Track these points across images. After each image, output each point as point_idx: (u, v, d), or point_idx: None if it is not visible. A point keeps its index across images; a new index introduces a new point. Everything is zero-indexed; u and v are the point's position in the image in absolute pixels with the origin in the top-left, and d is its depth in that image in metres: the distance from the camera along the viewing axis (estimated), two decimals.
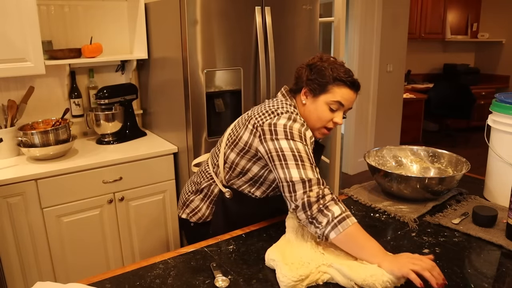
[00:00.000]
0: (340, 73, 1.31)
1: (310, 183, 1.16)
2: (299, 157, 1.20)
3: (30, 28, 1.97)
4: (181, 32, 1.97)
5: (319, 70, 1.33)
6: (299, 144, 1.22)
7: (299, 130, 1.25)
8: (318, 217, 1.12)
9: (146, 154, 2.17)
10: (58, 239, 2.00)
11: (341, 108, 1.33)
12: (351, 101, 1.34)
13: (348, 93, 1.32)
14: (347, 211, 1.12)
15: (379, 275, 1.02)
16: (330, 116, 1.33)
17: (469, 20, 6.23)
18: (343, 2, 2.43)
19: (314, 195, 1.14)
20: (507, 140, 1.46)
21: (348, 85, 1.31)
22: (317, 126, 1.35)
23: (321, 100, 1.32)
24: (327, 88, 1.31)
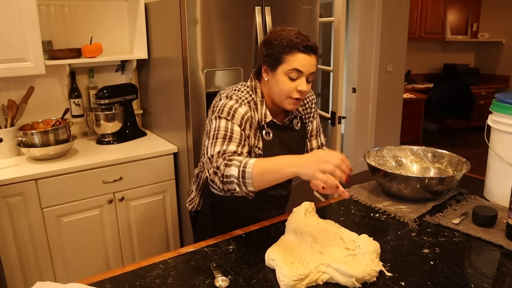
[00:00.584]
0: (292, 40, 1.28)
1: (211, 159, 1.23)
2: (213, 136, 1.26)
3: (30, 28, 1.97)
4: (181, 32, 1.97)
5: (271, 43, 1.31)
6: (222, 121, 1.27)
7: (231, 107, 1.30)
8: (228, 187, 1.17)
9: (146, 154, 2.17)
10: (58, 239, 2.00)
11: (301, 75, 1.30)
12: (309, 66, 1.30)
13: (303, 58, 1.28)
14: (243, 162, 1.13)
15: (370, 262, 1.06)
16: (292, 86, 1.31)
17: (469, 20, 6.24)
18: (343, 2, 2.43)
19: (212, 171, 1.20)
20: (507, 140, 1.46)
21: (301, 50, 1.28)
22: (283, 98, 1.33)
23: (279, 73, 1.31)
24: (282, 59, 1.29)
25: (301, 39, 1.28)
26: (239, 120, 1.29)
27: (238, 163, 1.14)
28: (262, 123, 1.38)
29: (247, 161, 1.14)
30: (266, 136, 1.39)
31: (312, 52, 1.30)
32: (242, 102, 1.32)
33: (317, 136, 1.59)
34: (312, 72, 1.31)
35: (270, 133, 1.40)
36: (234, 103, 1.31)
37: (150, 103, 2.54)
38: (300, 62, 1.28)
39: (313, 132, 1.57)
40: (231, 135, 1.26)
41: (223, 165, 1.17)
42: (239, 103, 1.32)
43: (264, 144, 1.38)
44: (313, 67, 1.31)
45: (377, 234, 1.30)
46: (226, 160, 1.18)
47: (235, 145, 1.24)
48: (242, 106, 1.31)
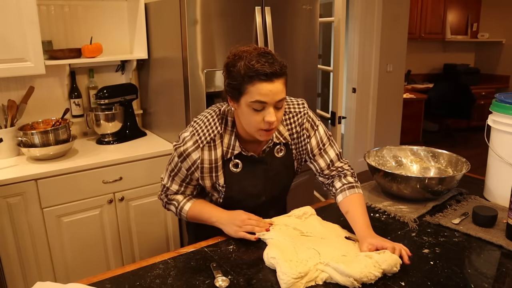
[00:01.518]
0: (251, 67, 1.12)
1: (162, 185, 1.43)
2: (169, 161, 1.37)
3: (30, 28, 1.96)
4: (181, 32, 1.97)
5: (230, 71, 1.18)
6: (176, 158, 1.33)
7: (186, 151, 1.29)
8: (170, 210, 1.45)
9: (146, 154, 2.17)
10: (58, 239, 2.00)
11: (266, 105, 1.16)
12: (273, 94, 1.14)
13: (265, 87, 1.13)
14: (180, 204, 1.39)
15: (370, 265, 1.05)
16: (259, 118, 1.17)
17: (469, 20, 6.23)
18: (343, 2, 2.43)
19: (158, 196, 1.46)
20: (507, 140, 1.46)
21: (261, 79, 1.12)
22: (253, 131, 1.22)
23: (242, 104, 1.18)
24: (242, 90, 1.15)
25: (261, 63, 1.12)
26: (188, 165, 1.30)
27: (176, 204, 1.40)
28: (228, 156, 1.29)
29: (183, 206, 1.39)
30: (234, 168, 1.32)
31: (276, 77, 1.14)
32: (200, 144, 1.26)
33: (321, 153, 1.40)
34: (279, 99, 1.17)
35: (239, 165, 1.32)
36: (191, 145, 1.27)
37: (150, 103, 2.54)
38: (261, 93, 1.13)
39: (314, 151, 1.40)
40: (177, 173, 1.35)
41: (165, 202, 1.44)
42: (196, 145, 1.27)
43: (229, 178, 1.32)
44: (279, 94, 1.16)
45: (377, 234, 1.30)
46: (167, 199, 1.43)
47: (177, 185, 1.38)
48: (196, 152, 1.27)
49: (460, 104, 5.38)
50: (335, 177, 1.41)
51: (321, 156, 1.40)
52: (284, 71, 1.17)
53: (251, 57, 1.14)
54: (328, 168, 1.41)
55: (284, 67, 1.17)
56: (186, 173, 1.33)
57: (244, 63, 1.14)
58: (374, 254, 1.09)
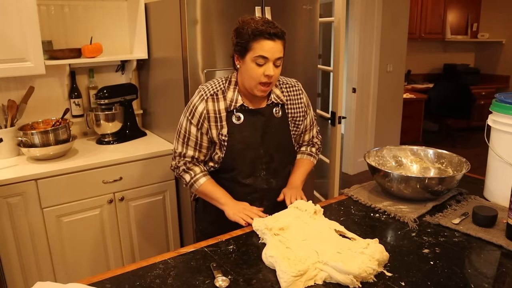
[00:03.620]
0: (257, 28, 1.34)
1: (175, 154, 1.55)
2: (178, 132, 1.52)
3: (30, 28, 1.97)
4: (181, 32, 1.97)
5: (239, 32, 1.39)
6: (185, 120, 1.49)
7: (193, 105, 1.47)
8: (182, 180, 1.56)
9: (146, 154, 2.17)
10: (58, 239, 2.00)
11: (267, 60, 1.37)
12: (274, 51, 1.36)
13: (268, 44, 1.35)
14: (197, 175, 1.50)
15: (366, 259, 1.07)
16: (260, 71, 1.38)
17: (469, 20, 6.23)
18: (343, 2, 2.43)
19: (173, 165, 1.56)
20: (507, 140, 1.46)
21: (265, 37, 1.34)
22: (253, 84, 1.41)
23: (247, 60, 1.38)
24: (248, 46, 1.36)
25: (266, 26, 1.34)
26: (197, 119, 1.46)
27: (192, 174, 1.51)
28: (230, 108, 1.46)
29: (198, 178, 1.50)
30: (236, 120, 1.47)
31: (277, 38, 1.36)
32: (205, 96, 1.46)
33: (309, 130, 1.68)
34: (278, 57, 1.38)
35: (241, 117, 1.48)
36: (197, 99, 1.47)
37: (150, 103, 2.54)
38: (264, 48, 1.35)
39: (307, 127, 1.66)
40: (189, 137, 1.49)
41: (182, 169, 1.53)
42: (201, 98, 1.46)
43: (231, 128, 1.47)
44: (278, 52, 1.37)
45: (377, 234, 1.30)
46: (185, 167, 1.52)
47: (192, 150, 1.51)
48: (202, 103, 1.45)
49: (460, 104, 5.38)
50: (305, 145, 1.72)
51: (308, 132, 1.69)
52: (284, 35, 1.39)
53: (257, 22, 1.37)
54: (308, 140, 1.71)
55: (284, 32, 1.39)
56: (196, 134, 1.48)
57: (251, 25, 1.36)
58: (365, 250, 1.11)
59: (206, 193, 1.51)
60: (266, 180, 1.56)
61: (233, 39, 1.43)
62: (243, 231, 1.35)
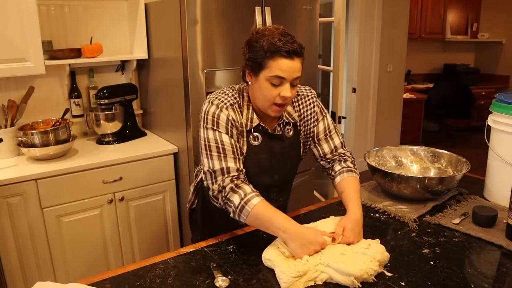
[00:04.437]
0: (274, 44, 1.19)
1: (215, 174, 1.25)
2: (205, 148, 1.27)
3: (30, 28, 1.96)
4: (181, 32, 1.97)
5: (252, 46, 1.24)
6: (209, 132, 1.26)
7: (212, 114, 1.26)
8: (227, 207, 1.23)
9: (146, 154, 2.17)
10: (58, 239, 2.00)
11: (283, 81, 1.22)
12: (292, 71, 1.21)
13: (285, 63, 1.20)
14: (247, 196, 1.18)
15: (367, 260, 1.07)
16: (275, 92, 1.23)
17: (469, 20, 6.23)
18: (343, 2, 2.43)
19: (216, 188, 1.24)
20: (507, 140, 1.46)
21: (283, 55, 1.19)
22: (267, 105, 1.27)
23: (261, 78, 1.23)
24: (263, 64, 1.21)
25: (284, 42, 1.19)
26: (224, 127, 1.26)
27: (242, 194, 1.19)
28: (248, 127, 1.32)
29: (250, 199, 1.18)
30: (253, 140, 1.34)
31: (296, 56, 1.22)
32: (224, 106, 1.28)
33: (327, 139, 1.46)
34: (296, 77, 1.24)
35: (259, 138, 1.35)
36: (215, 108, 1.27)
37: (150, 103, 2.54)
38: (282, 68, 1.20)
39: (320, 136, 1.45)
40: (223, 147, 1.25)
41: (229, 188, 1.21)
42: (219, 107, 1.27)
43: (249, 149, 1.33)
44: (296, 72, 1.23)
45: (377, 234, 1.30)
46: (233, 184, 1.21)
47: (232, 160, 1.25)
48: (223, 111, 1.27)
49: (460, 104, 5.38)
50: (335, 161, 1.47)
51: (326, 142, 1.46)
52: (303, 52, 1.25)
53: (273, 35, 1.21)
54: (331, 153, 1.47)
55: (302, 48, 1.25)
56: (230, 142, 1.26)
57: (267, 39, 1.20)
58: (366, 250, 1.11)
59: (260, 217, 1.17)
60: (275, 200, 1.47)
61: (244, 52, 1.28)
62: (243, 231, 1.35)
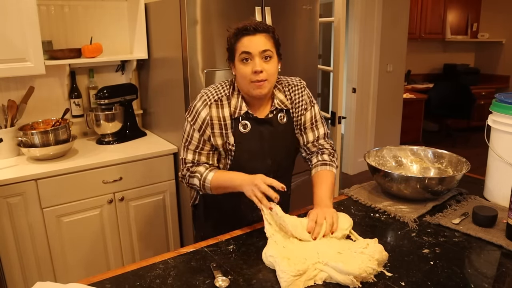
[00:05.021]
0: (237, 28, 1.31)
1: (180, 162, 1.45)
2: (182, 137, 1.43)
3: (30, 28, 1.97)
4: (181, 32, 1.97)
5: (227, 39, 1.36)
6: (188, 125, 1.40)
7: (196, 110, 1.38)
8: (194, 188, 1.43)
9: (146, 154, 2.17)
10: (58, 239, 2.00)
11: (251, 56, 1.29)
12: (255, 44, 1.29)
13: (247, 39, 1.29)
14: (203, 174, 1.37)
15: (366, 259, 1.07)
16: (248, 70, 1.31)
17: (469, 20, 6.23)
18: (343, 2, 2.43)
19: (180, 175, 1.45)
20: (507, 140, 1.46)
21: (245, 34, 1.29)
22: (246, 85, 1.34)
23: (236, 63, 1.34)
24: (234, 49, 1.33)
25: (246, 24, 1.30)
26: (199, 124, 1.37)
27: (199, 175, 1.38)
28: (235, 115, 1.38)
29: (206, 176, 1.37)
30: (242, 128, 1.40)
31: (258, 32, 1.29)
32: (208, 102, 1.37)
33: (312, 128, 1.51)
34: (263, 50, 1.29)
35: (248, 125, 1.40)
36: (200, 104, 1.38)
37: (150, 103, 2.54)
38: (245, 44, 1.30)
39: (306, 124, 1.50)
40: (190, 141, 1.40)
41: (188, 176, 1.41)
42: (204, 103, 1.37)
43: (238, 137, 1.39)
44: (261, 45, 1.29)
45: (377, 234, 1.30)
46: (189, 172, 1.41)
47: (192, 154, 1.41)
48: (205, 109, 1.37)
49: (460, 104, 5.38)
50: (313, 154, 1.53)
51: (312, 130, 1.52)
52: (267, 28, 1.32)
53: (241, 24, 1.32)
54: (312, 143, 1.52)
55: (269, 26, 1.33)
56: (198, 138, 1.39)
57: (235, 27, 1.32)
58: (365, 250, 1.11)
59: (219, 185, 1.35)
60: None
61: None
62: (243, 231, 1.35)
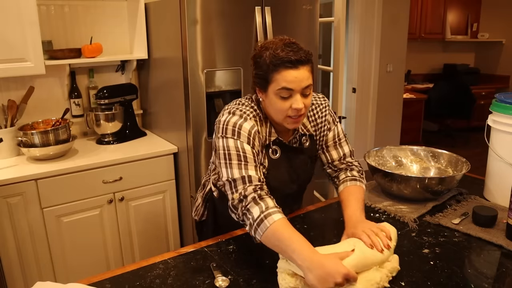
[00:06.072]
0: (276, 55, 1.15)
1: (235, 183, 1.16)
2: (224, 157, 1.19)
3: (30, 28, 1.96)
4: (181, 32, 1.97)
5: (257, 62, 1.21)
6: (228, 140, 1.20)
7: (234, 124, 1.21)
8: (244, 219, 1.13)
9: (146, 154, 2.17)
10: (58, 239, 2.00)
11: (293, 92, 1.17)
12: (299, 81, 1.16)
13: (290, 74, 1.15)
14: (268, 210, 1.08)
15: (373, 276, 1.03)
16: (286, 106, 1.18)
17: (469, 20, 6.23)
18: (343, 2, 2.43)
19: (237, 197, 1.14)
20: (507, 140, 1.46)
21: (287, 66, 1.15)
22: (281, 118, 1.22)
23: (270, 93, 1.19)
24: (269, 79, 1.17)
25: (286, 52, 1.15)
26: (245, 137, 1.19)
27: (263, 207, 1.10)
28: (267, 141, 1.29)
29: (271, 213, 1.08)
30: (272, 154, 1.31)
31: (301, 64, 1.16)
32: (248, 117, 1.23)
33: (336, 146, 1.43)
34: (306, 86, 1.18)
35: (277, 152, 1.32)
36: (238, 118, 1.21)
37: (150, 103, 2.54)
38: (287, 80, 1.15)
39: (329, 143, 1.43)
40: (245, 155, 1.18)
41: (251, 198, 1.12)
42: (243, 118, 1.22)
43: (269, 163, 1.29)
44: (305, 81, 1.17)
45: None
46: (256, 194, 1.13)
47: (254, 169, 1.18)
48: (248, 121, 1.21)
49: (460, 104, 5.38)
50: (342, 170, 1.42)
51: (335, 148, 1.43)
52: (309, 58, 1.19)
53: (276, 47, 1.16)
54: (339, 161, 1.43)
55: (309, 54, 1.19)
56: (250, 150, 1.19)
57: (269, 52, 1.16)
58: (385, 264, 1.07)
59: (279, 236, 1.04)
60: (289, 207, 1.46)
61: (252, 69, 1.24)
62: (243, 231, 1.35)
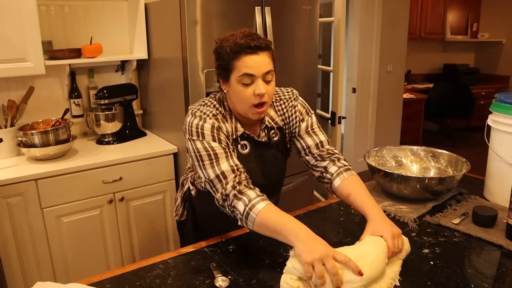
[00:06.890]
0: (236, 43, 1.17)
1: (213, 183, 1.19)
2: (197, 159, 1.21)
3: (30, 28, 1.97)
4: (181, 32, 1.97)
5: (218, 53, 1.22)
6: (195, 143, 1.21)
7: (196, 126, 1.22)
8: (235, 216, 1.15)
9: (146, 154, 2.17)
10: (58, 239, 2.00)
11: (254, 78, 1.18)
12: (259, 65, 1.17)
13: (251, 59, 1.16)
14: (251, 201, 1.10)
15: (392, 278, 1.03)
16: (249, 92, 1.19)
17: (469, 20, 6.23)
18: (343, 2, 2.43)
19: (219, 197, 1.18)
20: (507, 140, 1.46)
21: (247, 52, 1.16)
22: (246, 108, 1.22)
23: (233, 82, 1.20)
24: (230, 67, 1.19)
25: (245, 40, 1.17)
26: (209, 135, 1.21)
27: (246, 201, 1.11)
28: (233, 136, 1.28)
29: (255, 204, 1.10)
30: (241, 149, 1.31)
31: (261, 50, 1.18)
32: (207, 117, 1.23)
33: (309, 133, 1.38)
34: (267, 72, 1.19)
35: (247, 147, 1.32)
36: (199, 120, 1.23)
37: (150, 103, 2.54)
38: (248, 65, 1.17)
39: (301, 132, 1.39)
40: (214, 152, 1.20)
41: (232, 196, 1.15)
42: (203, 119, 1.23)
43: (239, 158, 1.26)
44: (266, 66, 1.18)
45: None
46: (236, 191, 1.15)
47: (225, 161, 1.19)
48: (207, 121, 1.22)
49: (460, 104, 5.38)
50: (327, 162, 1.35)
51: (309, 135, 1.38)
52: (268, 45, 1.21)
53: (236, 37, 1.19)
54: (317, 148, 1.37)
55: (268, 42, 1.21)
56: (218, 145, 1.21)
57: (229, 42, 1.19)
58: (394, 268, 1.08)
59: (267, 223, 1.07)
60: None
61: (214, 63, 1.26)
62: (243, 231, 1.35)
